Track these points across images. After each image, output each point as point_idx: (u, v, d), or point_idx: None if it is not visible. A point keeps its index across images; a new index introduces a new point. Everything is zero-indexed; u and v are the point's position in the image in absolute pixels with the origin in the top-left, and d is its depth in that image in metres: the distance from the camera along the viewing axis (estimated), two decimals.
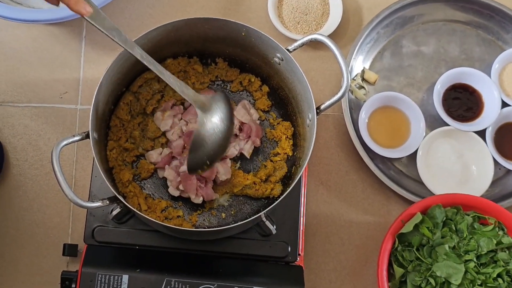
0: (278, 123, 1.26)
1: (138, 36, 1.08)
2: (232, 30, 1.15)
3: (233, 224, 1.04)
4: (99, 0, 1.27)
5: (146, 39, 1.11)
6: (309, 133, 1.12)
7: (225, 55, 1.27)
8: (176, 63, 1.24)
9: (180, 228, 1.08)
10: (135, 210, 1.03)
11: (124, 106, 1.20)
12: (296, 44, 1.12)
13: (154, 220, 1.03)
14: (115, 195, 1.03)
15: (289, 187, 1.05)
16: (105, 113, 1.16)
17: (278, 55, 1.15)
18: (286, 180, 1.21)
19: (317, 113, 1.09)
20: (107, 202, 1.02)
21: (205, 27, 1.16)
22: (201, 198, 1.17)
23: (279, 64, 1.17)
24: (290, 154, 1.23)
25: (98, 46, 1.41)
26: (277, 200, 1.04)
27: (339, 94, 1.08)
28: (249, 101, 1.27)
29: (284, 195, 1.05)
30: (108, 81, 1.11)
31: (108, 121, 1.19)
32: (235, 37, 1.17)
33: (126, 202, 1.05)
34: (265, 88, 1.27)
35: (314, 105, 1.09)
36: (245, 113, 1.22)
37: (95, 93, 1.06)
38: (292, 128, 1.24)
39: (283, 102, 1.27)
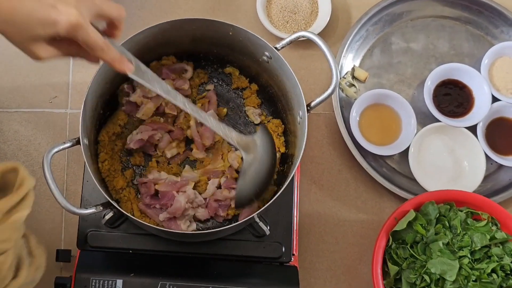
0: (268, 121, 1.26)
1: (124, 40, 1.08)
2: (219, 30, 1.15)
3: (226, 225, 1.04)
4: None
5: (132, 43, 1.11)
6: (300, 131, 1.12)
7: (213, 55, 1.27)
8: (169, 62, 1.25)
9: (173, 231, 1.08)
10: (128, 215, 1.03)
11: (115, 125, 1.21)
12: (284, 42, 1.12)
13: (147, 224, 1.03)
14: (108, 201, 1.02)
15: (282, 186, 1.05)
16: (95, 118, 1.15)
17: (267, 53, 1.15)
18: (279, 179, 1.21)
19: (308, 110, 1.09)
20: (101, 208, 1.02)
21: (191, 28, 1.16)
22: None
23: (268, 63, 1.17)
24: (283, 151, 1.23)
25: None
26: (270, 200, 1.04)
27: (329, 91, 1.09)
28: (239, 101, 1.28)
29: (277, 194, 1.04)
30: (97, 85, 1.11)
31: (98, 126, 1.19)
32: (222, 37, 1.17)
33: (120, 207, 1.05)
34: (254, 87, 1.27)
35: (304, 102, 1.09)
36: None
37: (84, 100, 1.06)
38: (283, 126, 1.24)
39: (272, 100, 1.27)
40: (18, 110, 1.37)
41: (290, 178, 1.06)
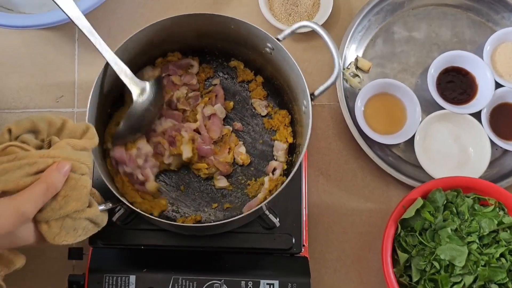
0: (275, 112, 1.27)
1: (126, 39, 1.10)
2: (221, 24, 1.16)
3: (237, 216, 1.05)
4: (91, 2, 1.27)
5: (134, 41, 1.13)
6: (305, 120, 1.13)
7: (217, 49, 1.28)
8: (175, 58, 1.26)
9: (184, 224, 1.09)
10: (139, 211, 1.04)
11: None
12: (286, 32, 1.13)
13: (159, 219, 1.04)
14: (117, 197, 1.03)
15: (290, 175, 1.06)
16: (102, 117, 1.17)
17: (269, 45, 1.16)
18: (288, 169, 1.22)
19: (312, 99, 1.10)
20: (110, 205, 1.03)
21: (193, 23, 1.16)
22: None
23: (271, 54, 1.18)
24: (290, 141, 1.24)
25: (91, 48, 1.38)
26: (279, 189, 1.05)
27: (332, 78, 1.10)
28: (246, 94, 1.29)
29: (285, 183, 1.05)
30: (101, 84, 1.13)
31: (107, 125, 1.20)
32: (225, 31, 1.18)
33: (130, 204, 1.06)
34: (260, 79, 1.28)
35: (308, 91, 1.10)
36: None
37: (89, 99, 1.07)
38: (290, 116, 1.25)
39: (278, 91, 1.28)
40: (25, 111, 1.38)
41: (297, 166, 1.07)
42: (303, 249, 1.17)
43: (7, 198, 0.86)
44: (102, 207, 1.01)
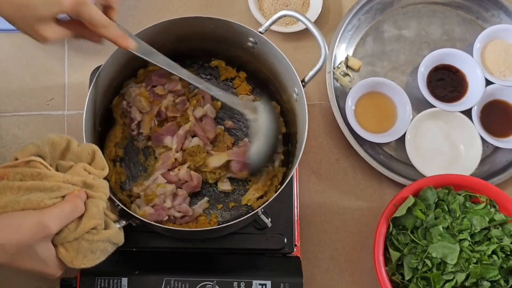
0: None
1: (110, 56, 1.10)
2: (200, 26, 1.16)
3: (232, 221, 1.05)
4: None
5: (116, 59, 1.13)
6: (298, 107, 1.14)
7: (197, 52, 1.27)
8: (156, 67, 1.25)
9: (181, 229, 1.10)
10: (148, 221, 1.05)
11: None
12: (266, 24, 1.14)
13: (161, 225, 1.05)
14: (130, 213, 1.03)
15: (290, 171, 1.08)
16: (95, 136, 1.16)
17: (251, 39, 1.16)
18: (286, 159, 1.23)
19: (303, 86, 1.11)
20: (124, 222, 1.02)
21: (173, 29, 1.16)
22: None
23: (254, 48, 1.18)
24: (284, 131, 1.24)
25: (81, 51, 1.41)
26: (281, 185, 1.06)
27: (320, 63, 1.11)
28: (231, 91, 1.29)
29: (284, 185, 1.06)
30: (92, 103, 1.12)
31: (99, 143, 1.19)
32: (205, 32, 1.18)
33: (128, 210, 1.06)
34: (243, 74, 1.28)
35: (298, 79, 1.11)
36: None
37: (83, 122, 1.07)
38: (279, 106, 1.25)
39: (264, 84, 1.28)
40: (15, 114, 1.37)
41: (298, 159, 1.08)
42: (295, 249, 1.17)
43: (32, 210, 0.86)
44: (116, 225, 1.00)
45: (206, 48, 1.25)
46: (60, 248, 0.90)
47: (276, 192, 1.06)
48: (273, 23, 1.14)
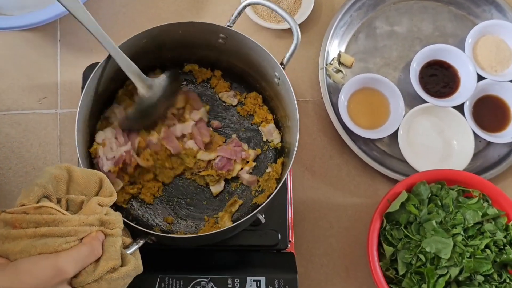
0: (245, 98, 1.27)
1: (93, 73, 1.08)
2: (168, 34, 1.15)
3: (232, 224, 1.06)
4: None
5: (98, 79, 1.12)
6: (283, 91, 1.14)
7: (167, 60, 1.25)
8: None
9: (185, 236, 1.10)
10: (166, 235, 1.05)
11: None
12: (233, 17, 1.14)
13: (174, 236, 1.05)
14: (145, 231, 1.02)
15: (289, 163, 1.07)
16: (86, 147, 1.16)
17: (221, 35, 1.15)
18: (281, 148, 1.23)
19: (283, 68, 1.11)
20: (141, 242, 1.00)
21: (142, 42, 1.14)
22: None
23: (225, 44, 1.18)
24: (271, 118, 1.24)
25: (74, 49, 1.41)
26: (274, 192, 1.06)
27: (294, 42, 1.11)
28: (210, 91, 1.28)
29: (278, 187, 1.06)
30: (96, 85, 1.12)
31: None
32: (174, 39, 1.17)
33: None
34: (218, 73, 1.28)
35: (277, 63, 1.10)
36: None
37: (80, 102, 1.06)
38: (260, 96, 1.26)
39: (240, 76, 1.27)
40: (8, 113, 1.37)
41: (295, 148, 1.08)
42: (289, 245, 1.18)
43: (48, 254, 0.85)
44: (134, 247, 0.99)
45: (176, 55, 1.24)
46: None
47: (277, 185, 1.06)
48: (239, 14, 1.13)
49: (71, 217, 0.88)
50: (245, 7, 1.13)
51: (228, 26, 1.12)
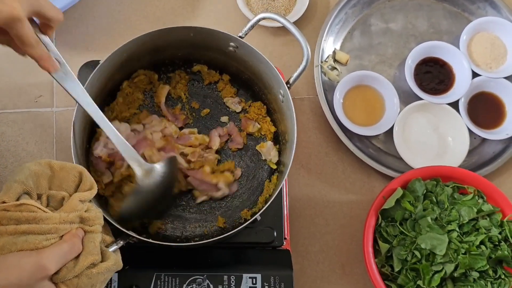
0: (249, 106, 1.27)
1: (90, 77, 1.09)
2: (180, 35, 1.16)
3: (232, 230, 1.06)
4: (67, 0, 1.26)
5: (101, 73, 1.13)
6: (285, 108, 1.14)
7: (178, 58, 1.27)
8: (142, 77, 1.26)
9: (182, 244, 1.09)
10: (146, 239, 1.06)
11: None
12: (246, 28, 1.14)
13: (161, 243, 1.06)
14: (126, 233, 1.03)
15: (282, 175, 1.09)
16: (83, 150, 1.16)
17: (232, 44, 1.16)
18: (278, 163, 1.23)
19: (289, 88, 1.11)
20: (121, 242, 1.02)
21: (152, 40, 1.15)
22: None
23: (235, 52, 1.18)
24: (273, 130, 1.25)
25: (69, 47, 1.41)
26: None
27: (304, 63, 1.12)
28: (216, 94, 1.28)
29: (275, 194, 1.07)
30: (80, 123, 1.12)
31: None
32: (184, 40, 1.18)
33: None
34: (226, 77, 1.28)
35: (283, 80, 1.11)
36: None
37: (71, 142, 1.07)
38: (265, 106, 1.26)
39: (248, 85, 1.28)
40: (3, 112, 1.37)
41: (292, 156, 1.08)
42: (285, 242, 1.18)
43: (30, 251, 0.86)
44: (114, 247, 1.00)
45: (187, 54, 1.25)
46: (61, 285, 0.89)
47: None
48: (252, 27, 1.14)
49: (52, 214, 0.89)
50: (259, 20, 1.14)
51: (239, 36, 1.13)
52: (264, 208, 1.06)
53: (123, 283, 1.12)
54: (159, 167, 1.12)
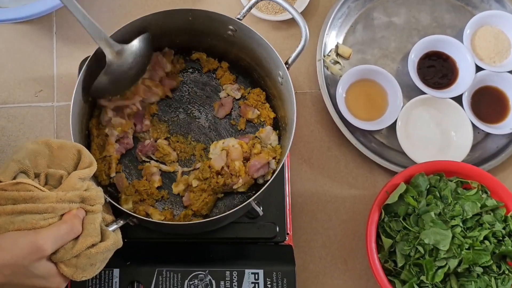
0: (248, 93, 1.26)
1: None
2: (178, 18, 1.15)
3: (224, 213, 1.05)
4: None
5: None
6: (285, 90, 1.14)
7: (176, 46, 1.26)
8: None
9: (173, 223, 1.09)
10: (146, 219, 1.05)
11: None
12: (244, 10, 1.14)
13: (160, 221, 1.06)
14: (127, 212, 1.03)
15: (279, 164, 1.07)
16: (83, 140, 1.16)
17: (231, 27, 1.15)
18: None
19: (288, 68, 1.11)
20: (121, 222, 1.02)
21: (153, 24, 1.14)
22: None
23: (234, 36, 1.18)
24: (273, 116, 1.24)
25: (69, 41, 1.40)
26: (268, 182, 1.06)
27: (302, 42, 1.11)
28: (215, 82, 1.28)
29: (273, 176, 1.06)
30: (77, 113, 1.12)
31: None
32: (183, 25, 1.17)
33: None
34: (225, 64, 1.28)
35: (282, 62, 1.10)
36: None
37: (74, 93, 1.06)
38: (264, 92, 1.25)
39: (247, 71, 1.27)
40: (4, 106, 1.36)
41: (288, 149, 1.07)
42: (287, 238, 1.18)
43: (27, 231, 0.86)
44: (114, 226, 1.00)
45: (185, 41, 1.24)
46: (60, 264, 0.90)
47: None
48: (250, 8, 1.13)
49: (49, 193, 0.89)
50: (256, 2, 1.12)
51: (238, 18, 1.12)
52: (263, 189, 1.05)
53: (124, 279, 1.11)
54: (130, 47, 1.11)
